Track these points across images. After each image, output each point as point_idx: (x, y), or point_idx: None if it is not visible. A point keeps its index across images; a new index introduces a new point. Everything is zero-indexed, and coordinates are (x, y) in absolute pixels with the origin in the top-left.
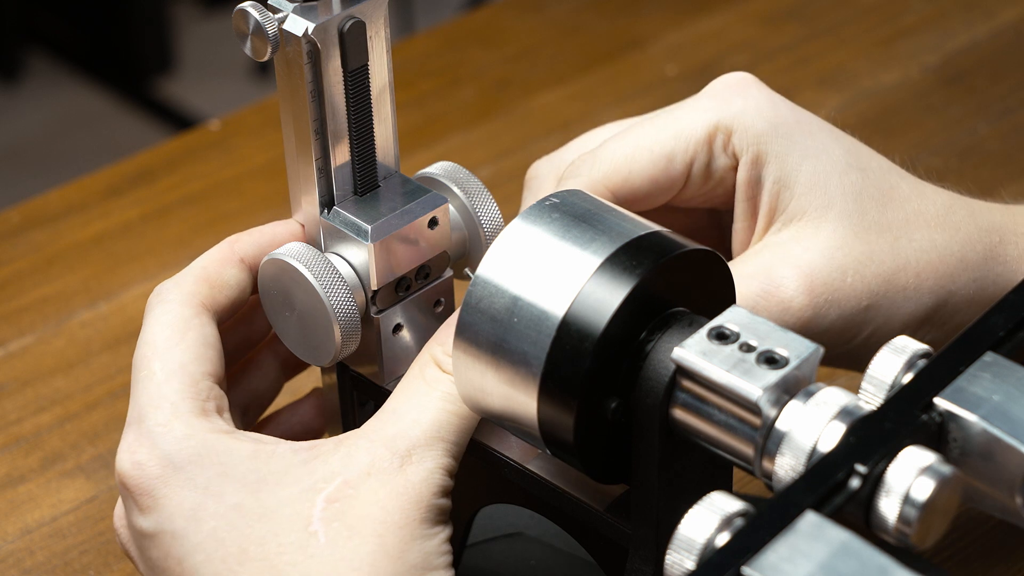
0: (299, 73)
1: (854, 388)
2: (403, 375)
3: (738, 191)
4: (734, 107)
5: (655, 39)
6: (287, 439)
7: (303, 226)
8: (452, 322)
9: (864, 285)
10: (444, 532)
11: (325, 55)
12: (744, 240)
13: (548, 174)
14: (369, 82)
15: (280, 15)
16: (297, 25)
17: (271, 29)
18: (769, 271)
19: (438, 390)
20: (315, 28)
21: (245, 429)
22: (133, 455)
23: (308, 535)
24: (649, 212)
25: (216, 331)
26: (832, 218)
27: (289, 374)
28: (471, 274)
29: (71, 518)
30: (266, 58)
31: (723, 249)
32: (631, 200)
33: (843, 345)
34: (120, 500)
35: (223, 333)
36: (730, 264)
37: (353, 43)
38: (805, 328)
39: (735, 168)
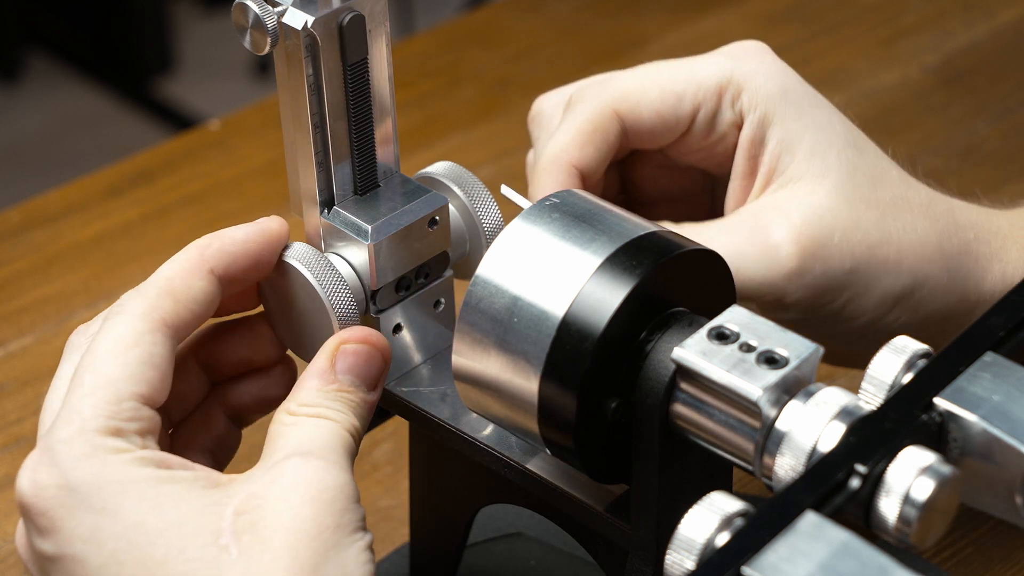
0: (298, 67)
1: (854, 388)
2: (403, 375)
3: (740, 149)
4: (748, 67)
5: (655, 39)
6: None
7: (284, 223)
8: (302, 379)
9: (850, 248)
10: (363, 539)
11: (325, 49)
12: (739, 199)
13: (556, 106)
14: (369, 76)
15: (279, 8)
16: (296, 18)
17: (270, 23)
18: (759, 216)
19: (300, 423)
20: (314, 21)
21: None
22: (33, 473)
23: (218, 549)
24: (647, 166)
25: (167, 351)
26: (827, 185)
27: (240, 423)
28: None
29: (19, 521)
30: (265, 51)
31: (714, 216)
32: (635, 131)
33: (820, 308)
34: (20, 522)
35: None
36: (726, 218)
37: (352, 36)
38: (788, 278)
39: (738, 126)
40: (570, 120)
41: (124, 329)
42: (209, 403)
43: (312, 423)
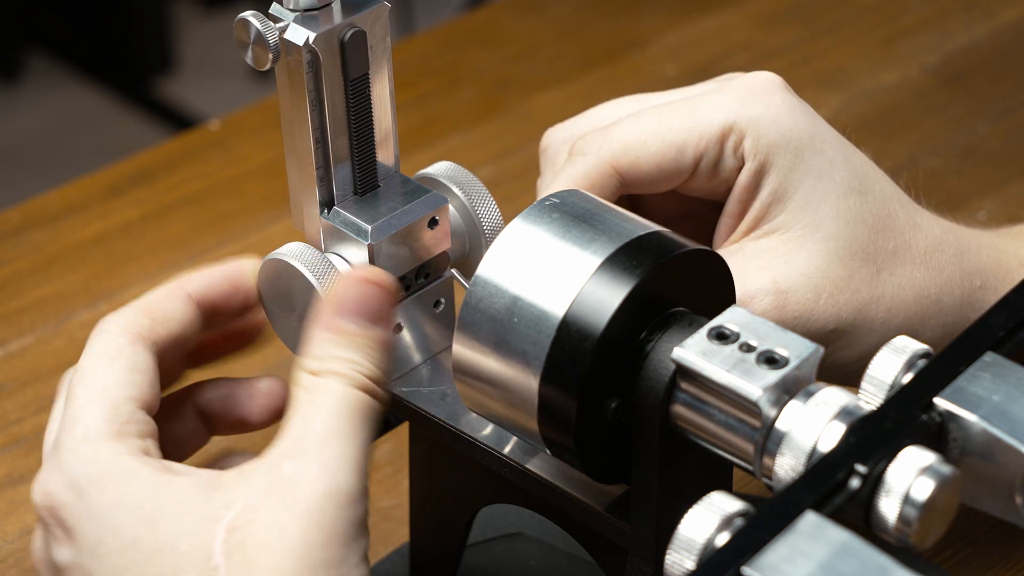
0: (300, 82)
1: (854, 388)
2: (403, 375)
3: (733, 193)
4: (753, 112)
5: (655, 39)
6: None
7: (256, 262)
8: (308, 333)
9: (835, 310)
10: (356, 551)
11: (326, 64)
12: (724, 237)
13: (562, 144)
14: (370, 91)
15: (281, 24)
16: (298, 34)
17: (272, 38)
18: (745, 280)
19: (319, 391)
20: (316, 37)
21: None
22: (44, 483)
23: (209, 570)
24: (653, 194)
25: (150, 359)
26: (818, 239)
27: (213, 428)
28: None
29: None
30: (267, 67)
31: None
32: (636, 183)
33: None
34: (37, 531)
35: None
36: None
37: (354, 52)
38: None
39: (739, 170)
40: (567, 173)
41: (106, 344)
42: (183, 405)
43: (324, 394)
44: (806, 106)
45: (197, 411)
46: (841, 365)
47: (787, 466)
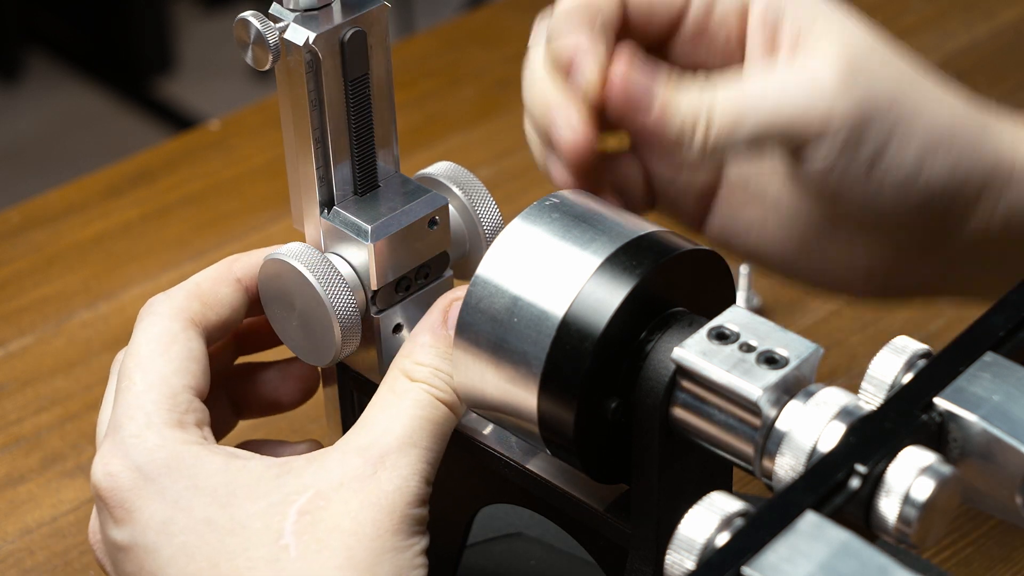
0: (300, 82)
1: (854, 388)
2: None
3: (752, 28)
4: None
5: None
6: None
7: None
8: (415, 332)
9: (895, 72)
10: (419, 543)
11: (326, 64)
12: (758, 55)
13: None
14: (370, 91)
15: (281, 24)
16: (298, 35)
17: (272, 39)
18: (795, 59)
19: (408, 398)
20: (316, 38)
21: None
22: (106, 466)
23: (279, 548)
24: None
25: (203, 346)
26: (860, 26)
27: (243, 413)
28: None
29: (71, 518)
30: (267, 67)
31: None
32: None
33: (863, 145)
34: (94, 513)
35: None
36: (768, 68)
37: (354, 53)
38: (832, 96)
39: (740, 13)
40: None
41: (159, 329)
42: (217, 391)
43: (412, 403)
44: None
45: (228, 397)
46: (905, 154)
47: (787, 466)
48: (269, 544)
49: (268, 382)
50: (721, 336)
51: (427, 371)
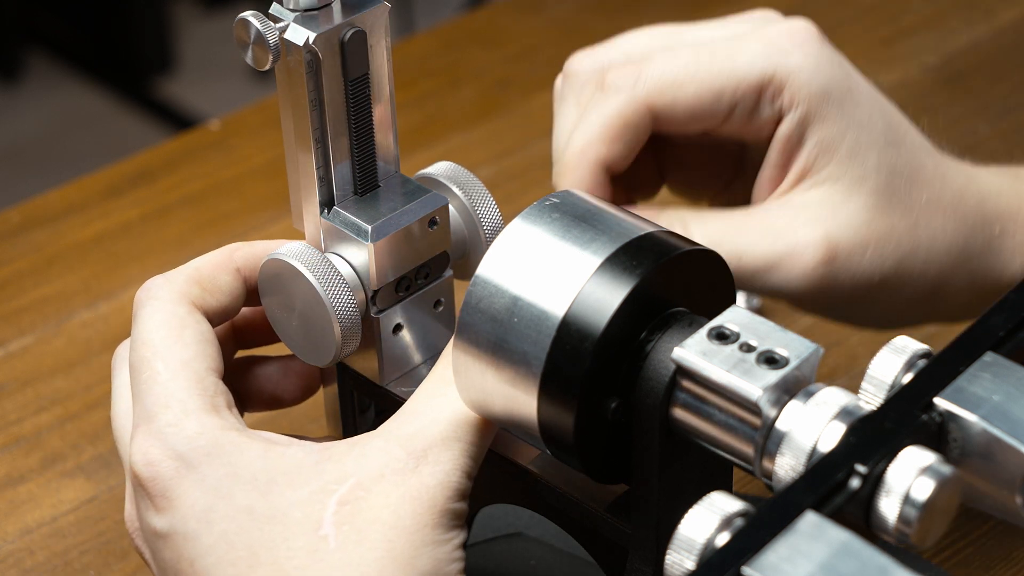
0: (300, 82)
1: (854, 388)
2: (403, 374)
3: (775, 144)
4: (792, 61)
5: None
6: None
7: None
8: None
9: (880, 261)
10: (458, 537)
11: (326, 64)
12: (768, 189)
13: (591, 74)
14: (370, 91)
15: (281, 24)
16: (298, 35)
17: (272, 38)
18: (796, 232)
19: (454, 392)
20: (316, 38)
21: None
22: (145, 455)
23: (318, 539)
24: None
25: (211, 328)
26: (864, 191)
27: (245, 406)
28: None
29: (71, 518)
30: (267, 67)
31: (733, 178)
32: (668, 123)
33: (834, 311)
34: (128, 501)
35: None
36: (753, 209)
37: (354, 53)
38: (811, 282)
39: (776, 121)
40: (600, 111)
41: (165, 315)
42: None
43: (456, 398)
44: (842, 57)
45: (233, 389)
46: (881, 318)
47: (787, 466)
48: (309, 534)
49: (269, 377)
50: (721, 336)
51: None
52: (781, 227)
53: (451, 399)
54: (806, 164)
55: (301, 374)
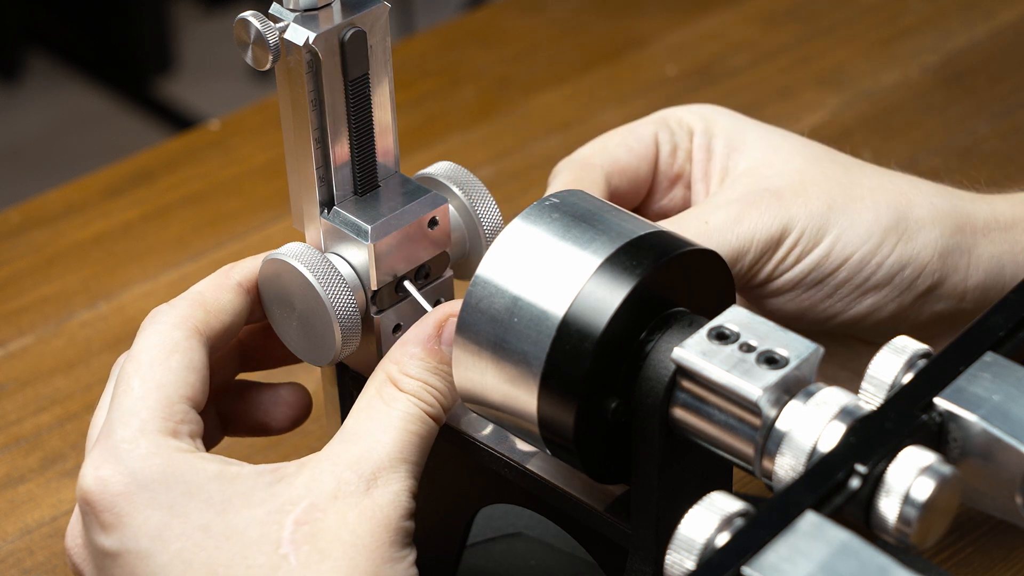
0: (300, 82)
1: (854, 388)
2: None
3: (694, 157)
4: (679, 111)
5: (655, 39)
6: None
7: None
8: (406, 340)
9: (827, 193)
10: (411, 555)
11: (326, 64)
12: (701, 197)
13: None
14: (370, 91)
15: (281, 24)
16: (298, 34)
17: (272, 38)
18: (733, 193)
19: (397, 409)
20: (316, 37)
21: None
22: (97, 470)
23: (279, 557)
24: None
25: (204, 357)
26: (784, 153)
27: (230, 430)
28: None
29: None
30: (267, 67)
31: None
32: (616, 172)
33: (808, 254)
34: (74, 518)
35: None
36: (695, 209)
37: (354, 52)
38: (779, 217)
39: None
40: (559, 180)
41: (161, 338)
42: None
43: (401, 416)
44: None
45: (218, 412)
46: (851, 243)
47: (787, 466)
48: (268, 553)
49: (259, 404)
50: (721, 336)
51: (416, 385)
52: (734, 198)
53: (392, 419)
54: (722, 165)
55: (291, 404)
